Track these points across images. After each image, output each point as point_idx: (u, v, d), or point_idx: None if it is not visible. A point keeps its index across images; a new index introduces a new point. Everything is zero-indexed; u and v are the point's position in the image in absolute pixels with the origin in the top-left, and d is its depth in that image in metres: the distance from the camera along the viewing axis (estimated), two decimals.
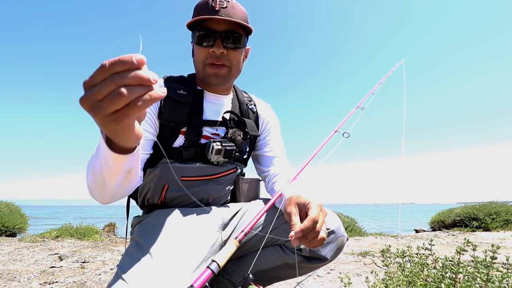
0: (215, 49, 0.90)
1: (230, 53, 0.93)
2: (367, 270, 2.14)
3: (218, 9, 0.88)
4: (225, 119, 0.99)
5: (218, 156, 0.92)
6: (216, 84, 0.96)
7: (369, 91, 1.24)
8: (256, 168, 1.15)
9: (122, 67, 0.37)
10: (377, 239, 3.89)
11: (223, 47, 0.90)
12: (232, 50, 0.93)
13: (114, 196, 0.69)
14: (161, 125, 0.91)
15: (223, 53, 0.91)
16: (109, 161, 0.54)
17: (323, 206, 0.73)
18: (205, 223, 0.90)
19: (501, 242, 3.36)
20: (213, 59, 0.92)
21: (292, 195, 0.80)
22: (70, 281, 1.89)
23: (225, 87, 1.02)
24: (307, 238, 0.66)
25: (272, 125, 1.14)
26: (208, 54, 0.92)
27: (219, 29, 0.90)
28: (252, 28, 0.94)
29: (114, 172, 0.58)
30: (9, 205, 5.46)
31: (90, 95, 0.38)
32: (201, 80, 1.00)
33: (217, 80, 0.95)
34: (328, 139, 1.03)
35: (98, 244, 3.58)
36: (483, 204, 5.41)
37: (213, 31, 0.90)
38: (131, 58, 0.37)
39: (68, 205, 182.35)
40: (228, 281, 0.99)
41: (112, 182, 0.62)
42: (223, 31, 0.90)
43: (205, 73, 0.95)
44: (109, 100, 0.38)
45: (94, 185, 0.66)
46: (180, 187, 0.94)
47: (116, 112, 0.39)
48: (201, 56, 0.93)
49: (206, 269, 0.64)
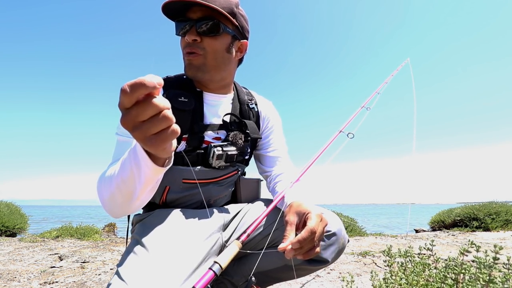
0: (187, 36, 0.85)
1: (205, 41, 0.86)
2: (367, 270, 2.14)
3: None
4: (225, 121, 0.97)
5: (219, 161, 0.91)
6: (191, 74, 0.90)
7: (375, 91, 1.22)
8: (258, 167, 1.14)
9: (145, 90, 0.42)
10: (377, 239, 3.89)
11: (196, 34, 0.85)
12: (208, 37, 0.86)
13: (138, 207, 0.73)
14: None
15: (196, 40, 0.86)
16: (147, 172, 0.59)
17: (324, 207, 0.72)
18: (206, 223, 0.90)
19: (501, 242, 3.36)
20: (188, 48, 0.87)
21: (293, 202, 0.80)
22: (70, 281, 1.89)
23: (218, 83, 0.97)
24: (303, 249, 0.66)
25: (274, 123, 1.12)
26: (186, 44, 0.88)
27: (194, 16, 0.85)
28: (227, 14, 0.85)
29: (148, 183, 0.62)
30: (9, 205, 5.46)
31: (130, 118, 0.45)
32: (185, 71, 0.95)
33: (190, 69, 0.89)
34: (332, 139, 1.01)
35: (98, 244, 3.58)
36: (483, 204, 5.41)
37: (188, 18, 0.86)
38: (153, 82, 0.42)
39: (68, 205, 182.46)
40: (228, 282, 0.98)
41: (142, 193, 0.66)
42: (198, 18, 0.85)
43: (184, 63, 0.91)
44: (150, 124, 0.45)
45: (117, 198, 0.68)
46: (181, 189, 0.94)
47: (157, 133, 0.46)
48: (181, 47, 0.90)
49: (209, 271, 0.63)
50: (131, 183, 0.63)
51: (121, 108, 0.45)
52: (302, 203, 0.77)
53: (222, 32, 0.87)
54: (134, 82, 0.42)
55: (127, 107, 0.44)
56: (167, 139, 0.47)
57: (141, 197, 0.67)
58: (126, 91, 0.42)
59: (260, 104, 1.10)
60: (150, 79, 0.42)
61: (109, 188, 0.67)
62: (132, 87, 0.42)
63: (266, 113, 1.11)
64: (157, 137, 0.47)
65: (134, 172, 0.60)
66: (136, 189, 0.64)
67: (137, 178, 0.61)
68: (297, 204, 0.77)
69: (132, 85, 0.42)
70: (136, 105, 0.44)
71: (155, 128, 0.45)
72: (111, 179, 0.67)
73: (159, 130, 0.46)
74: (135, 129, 0.45)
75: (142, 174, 0.60)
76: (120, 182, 0.65)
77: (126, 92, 0.42)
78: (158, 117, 0.45)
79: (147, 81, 0.42)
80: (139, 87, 0.42)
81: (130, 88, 0.42)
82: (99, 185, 0.71)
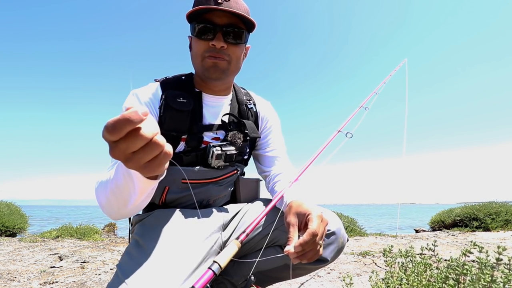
0: (215, 42, 0.86)
1: (230, 48, 0.89)
2: (367, 270, 2.14)
3: (221, 1, 0.84)
4: (224, 122, 0.98)
5: (218, 161, 0.92)
6: (215, 77, 0.92)
7: (373, 91, 1.23)
8: (257, 167, 1.14)
9: (131, 126, 0.40)
10: (377, 239, 3.89)
11: (223, 41, 0.87)
12: (233, 45, 0.89)
13: (136, 212, 0.73)
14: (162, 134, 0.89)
15: (223, 47, 0.87)
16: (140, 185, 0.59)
17: (323, 206, 0.72)
18: (205, 223, 0.90)
19: (501, 242, 3.36)
20: (212, 53, 0.88)
21: (292, 202, 0.79)
22: (70, 281, 1.89)
23: (224, 85, 0.99)
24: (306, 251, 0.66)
25: (273, 123, 1.12)
26: (208, 48, 0.88)
27: (220, 22, 0.86)
28: (255, 22, 0.90)
29: (143, 192, 0.62)
30: (9, 205, 5.46)
31: (119, 151, 0.42)
32: (199, 76, 0.96)
33: (215, 71, 0.90)
34: (331, 139, 1.01)
35: (98, 244, 3.58)
36: (483, 204, 5.41)
37: (214, 24, 0.86)
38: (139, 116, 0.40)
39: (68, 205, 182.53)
40: (228, 282, 0.98)
41: (137, 201, 0.66)
42: (224, 24, 0.86)
43: (204, 65, 0.90)
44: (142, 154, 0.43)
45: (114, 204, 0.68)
46: (181, 189, 0.94)
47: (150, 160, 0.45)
48: (200, 49, 0.89)
49: (208, 270, 0.63)
50: (125, 191, 0.63)
51: (107, 142, 0.42)
52: (302, 203, 0.77)
53: (244, 40, 0.91)
54: (118, 119, 0.39)
55: (114, 140, 0.41)
56: (161, 163, 0.46)
57: (137, 204, 0.67)
58: (111, 130, 0.39)
59: (259, 104, 1.11)
60: (135, 115, 0.39)
61: (105, 194, 0.68)
62: (117, 124, 0.39)
63: (264, 113, 1.11)
64: (151, 164, 0.45)
65: (128, 182, 0.61)
66: (130, 197, 0.64)
67: (131, 188, 0.61)
68: (297, 204, 0.77)
69: (116, 122, 0.39)
70: (123, 139, 0.41)
71: (147, 157, 0.44)
72: (106, 185, 0.68)
73: (152, 157, 0.45)
74: (127, 161, 0.44)
75: (136, 186, 0.60)
76: (115, 189, 0.65)
77: (111, 130, 0.39)
78: (149, 146, 0.43)
79: (133, 117, 0.39)
80: (125, 124, 0.39)
81: (114, 126, 0.39)
82: (97, 189, 0.72)
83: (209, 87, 0.97)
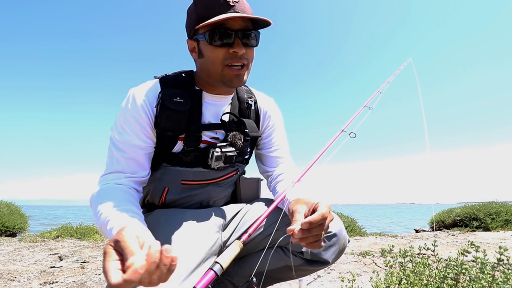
0: (237, 49, 0.83)
1: (248, 52, 0.87)
2: (367, 270, 2.14)
3: (232, 4, 0.81)
4: (224, 121, 0.96)
5: (218, 162, 0.91)
6: (238, 86, 0.91)
7: (377, 90, 1.21)
8: (259, 166, 1.12)
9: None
10: (377, 239, 3.89)
11: (242, 46, 0.84)
12: (250, 48, 0.87)
13: None
14: (158, 134, 0.88)
15: (244, 53, 0.85)
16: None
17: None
18: (205, 224, 0.89)
19: (501, 242, 3.36)
20: (233, 60, 0.85)
21: (299, 197, 0.79)
22: (70, 281, 1.89)
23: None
24: (311, 232, 0.63)
25: (276, 121, 1.09)
26: (228, 55, 0.84)
27: (236, 26, 0.83)
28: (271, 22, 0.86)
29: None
30: (9, 205, 5.45)
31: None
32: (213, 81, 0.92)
33: (240, 82, 0.89)
34: (334, 139, 1.00)
35: (98, 244, 3.58)
36: (483, 204, 5.41)
37: (230, 29, 0.82)
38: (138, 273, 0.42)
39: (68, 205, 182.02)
40: (228, 282, 0.98)
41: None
42: (241, 28, 0.83)
43: (225, 76, 0.87)
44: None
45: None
46: (180, 190, 0.93)
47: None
48: (218, 58, 0.85)
49: (209, 271, 0.63)
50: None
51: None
52: (306, 198, 0.77)
53: (259, 42, 0.90)
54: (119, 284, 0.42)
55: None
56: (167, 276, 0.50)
57: None
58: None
59: (261, 101, 1.08)
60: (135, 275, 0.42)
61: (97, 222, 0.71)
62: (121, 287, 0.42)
63: (267, 110, 1.08)
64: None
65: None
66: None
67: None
68: (304, 197, 0.77)
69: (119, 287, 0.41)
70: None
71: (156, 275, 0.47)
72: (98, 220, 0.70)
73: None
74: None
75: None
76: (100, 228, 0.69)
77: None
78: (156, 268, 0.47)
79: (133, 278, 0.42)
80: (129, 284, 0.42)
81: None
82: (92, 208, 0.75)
83: (213, 87, 0.95)
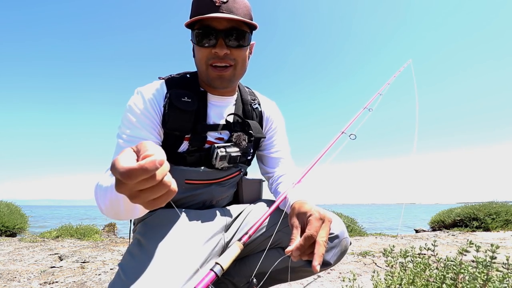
0: (218, 49, 0.84)
1: (234, 52, 0.87)
2: (367, 270, 2.14)
3: (218, 4, 0.81)
4: (229, 122, 0.96)
5: (223, 162, 0.91)
6: (222, 87, 0.91)
7: (377, 92, 1.22)
8: (260, 167, 1.13)
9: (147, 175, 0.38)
10: (377, 239, 3.89)
11: (226, 47, 0.84)
12: (236, 48, 0.86)
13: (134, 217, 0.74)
14: (165, 133, 0.89)
15: (227, 53, 0.85)
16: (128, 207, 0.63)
17: (324, 207, 0.72)
18: (208, 224, 0.90)
19: (501, 242, 3.36)
20: (216, 60, 0.86)
21: (295, 203, 0.79)
22: (70, 281, 1.89)
23: (230, 88, 0.98)
24: (305, 253, 0.67)
25: (278, 124, 1.11)
26: (210, 55, 0.86)
27: (220, 27, 0.83)
28: (256, 24, 0.88)
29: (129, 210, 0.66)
30: (9, 205, 5.46)
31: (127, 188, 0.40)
32: (204, 82, 0.95)
33: (222, 83, 0.90)
34: (334, 141, 1.01)
35: (98, 244, 3.58)
36: (483, 204, 5.41)
37: (214, 29, 0.83)
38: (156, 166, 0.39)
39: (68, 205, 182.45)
40: (229, 282, 0.98)
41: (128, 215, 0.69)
42: (224, 29, 0.83)
43: (209, 76, 0.89)
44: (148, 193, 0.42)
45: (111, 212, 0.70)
46: (184, 189, 0.93)
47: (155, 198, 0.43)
48: (202, 58, 0.88)
49: (210, 272, 0.63)
50: (118, 205, 0.65)
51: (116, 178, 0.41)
52: (304, 203, 0.76)
53: (247, 42, 0.89)
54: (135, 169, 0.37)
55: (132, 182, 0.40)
56: (165, 201, 0.45)
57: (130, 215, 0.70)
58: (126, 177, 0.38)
59: (264, 104, 1.10)
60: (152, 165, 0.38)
61: (104, 201, 0.69)
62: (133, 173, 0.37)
63: (269, 113, 1.10)
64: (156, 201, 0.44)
65: (119, 201, 0.63)
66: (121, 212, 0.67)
67: (121, 206, 0.64)
68: (299, 204, 0.77)
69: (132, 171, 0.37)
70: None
71: (153, 196, 0.43)
72: (105, 194, 0.68)
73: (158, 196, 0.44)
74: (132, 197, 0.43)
75: (122, 207, 0.63)
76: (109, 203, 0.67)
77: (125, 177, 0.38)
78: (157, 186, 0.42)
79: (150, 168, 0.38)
80: (142, 174, 0.38)
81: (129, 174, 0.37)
82: (96, 194, 0.72)
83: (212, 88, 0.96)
